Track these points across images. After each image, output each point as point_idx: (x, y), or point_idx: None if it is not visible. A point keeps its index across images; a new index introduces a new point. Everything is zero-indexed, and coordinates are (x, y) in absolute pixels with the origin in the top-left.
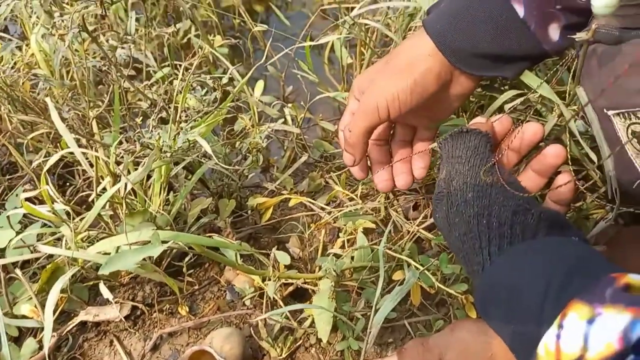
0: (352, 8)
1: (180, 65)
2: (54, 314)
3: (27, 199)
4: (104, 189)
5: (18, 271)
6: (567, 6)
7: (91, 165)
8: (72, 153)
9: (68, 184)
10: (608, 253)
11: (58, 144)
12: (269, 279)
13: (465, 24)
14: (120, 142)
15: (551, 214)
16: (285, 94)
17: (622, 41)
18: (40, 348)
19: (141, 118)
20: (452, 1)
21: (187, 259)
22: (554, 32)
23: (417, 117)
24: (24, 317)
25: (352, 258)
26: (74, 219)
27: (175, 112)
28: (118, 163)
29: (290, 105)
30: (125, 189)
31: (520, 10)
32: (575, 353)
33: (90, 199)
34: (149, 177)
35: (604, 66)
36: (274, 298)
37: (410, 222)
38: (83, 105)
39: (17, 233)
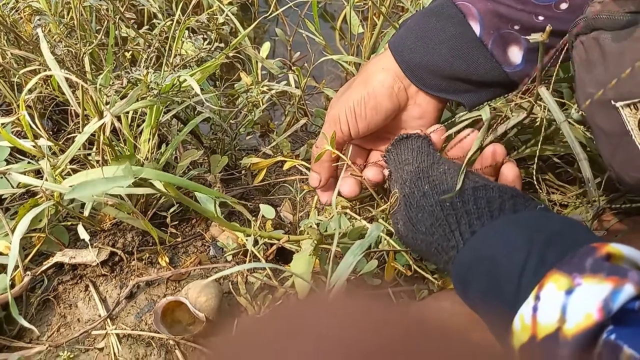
0: None
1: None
2: (30, 253)
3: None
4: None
5: None
6: (527, 27)
7: (79, 104)
8: (63, 93)
9: (64, 130)
10: (607, 239)
11: (51, 82)
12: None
13: (422, 37)
14: (113, 84)
15: (510, 187)
16: (292, 59)
17: (631, 25)
18: (12, 286)
19: (138, 61)
20: (415, 15)
21: (172, 209)
22: (515, 55)
23: (384, 140)
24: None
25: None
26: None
27: (169, 54)
28: (108, 104)
29: (294, 68)
30: (110, 126)
31: (476, 28)
32: (552, 325)
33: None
34: (139, 125)
35: (609, 54)
36: (258, 257)
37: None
38: (79, 45)
39: None
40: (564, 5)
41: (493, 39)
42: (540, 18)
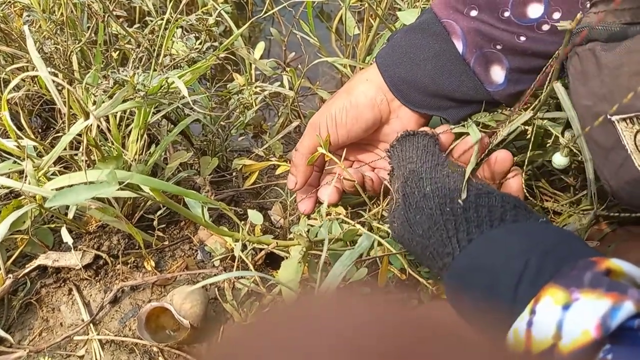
0: None
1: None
2: (13, 255)
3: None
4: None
5: None
6: (509, 47)
7: (65, 103)
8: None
9: (53, 128)
10: (601, 250)
11: (38, 80)
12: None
13: (407, 52)
14: (101, 83)
15: (513, 197)
16: (287, 60)
17: (626, 37)
18: None
19: (129, 60)
20: (402, 30)
21: (160, 212)
22: (497, 74)
23: (366, 152)
24: None
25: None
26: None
27: (158, 54)
28: (95, 103)
29: (288, 69)
30: (97, 128)
31: (459, 46)
32: (547, 341)
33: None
34: (128, 125)
35: (605, 67)
36: (246, 262)
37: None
38: (69, 43)
39: None
40: (545, 27)
41: (475, 57)
42: (522, 38)
